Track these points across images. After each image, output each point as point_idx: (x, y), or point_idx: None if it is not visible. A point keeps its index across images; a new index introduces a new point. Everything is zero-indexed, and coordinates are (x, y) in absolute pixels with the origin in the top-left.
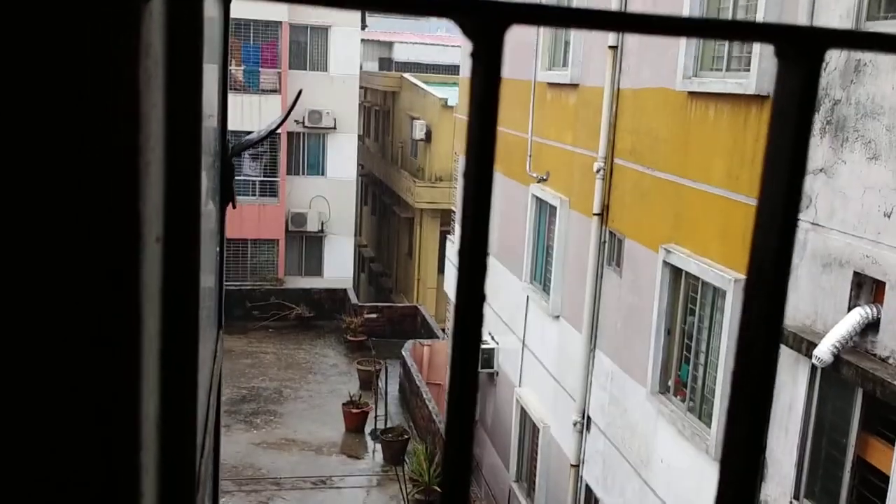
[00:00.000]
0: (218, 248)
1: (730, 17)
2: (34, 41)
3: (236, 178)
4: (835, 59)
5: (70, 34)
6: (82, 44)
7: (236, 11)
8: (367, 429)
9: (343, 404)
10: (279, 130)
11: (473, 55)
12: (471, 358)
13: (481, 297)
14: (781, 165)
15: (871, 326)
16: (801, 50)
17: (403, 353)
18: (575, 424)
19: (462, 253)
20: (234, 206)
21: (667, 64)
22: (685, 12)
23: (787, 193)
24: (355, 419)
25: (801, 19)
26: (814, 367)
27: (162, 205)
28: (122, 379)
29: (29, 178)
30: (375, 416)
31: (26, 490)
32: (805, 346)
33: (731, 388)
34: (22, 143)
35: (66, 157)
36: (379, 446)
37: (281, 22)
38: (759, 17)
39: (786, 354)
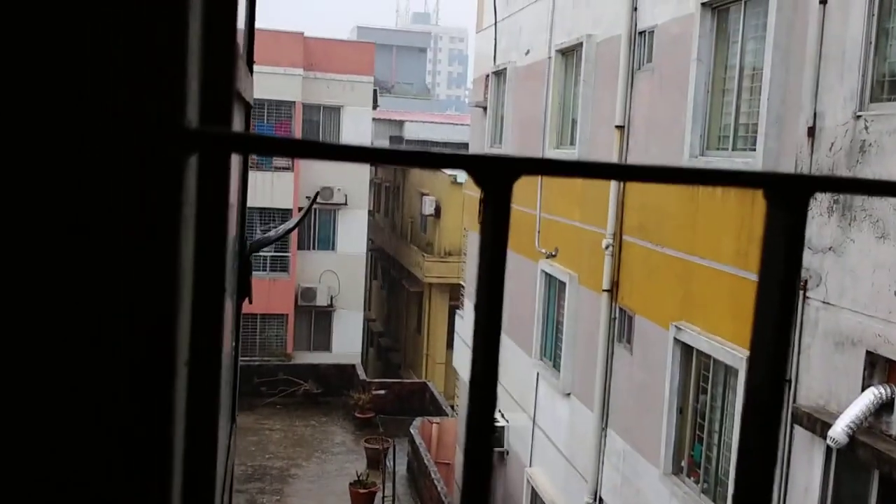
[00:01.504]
0: (234, 344)
1: (734, 101)
2: (94, 194)
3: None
4: (840, 138)
5: (116, 190)
6: (129, 197)
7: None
8: None
9: (350, 484)
10: (290, 206)
11: (483, 201)
12: (485, 448)
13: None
14: (770, 306)
15: (886, 407)
16: (788, 195)
17: (412, 430)
18: None
19: (471, 405)
20: (250, 302)
21: (674, 143)
22: (689, 97)
23: (778, 331)
24: (362, 500)
25: (806, 101)
26: (829, 449)
27: (189, 330)
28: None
29: (75, 314)
30: (383, 497)
31: None
32: (819, 426)
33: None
34: (75, 275)
35: (118, 298)
36: None
37: (294, 102)
38: (763, 99)
39: (800, 435)
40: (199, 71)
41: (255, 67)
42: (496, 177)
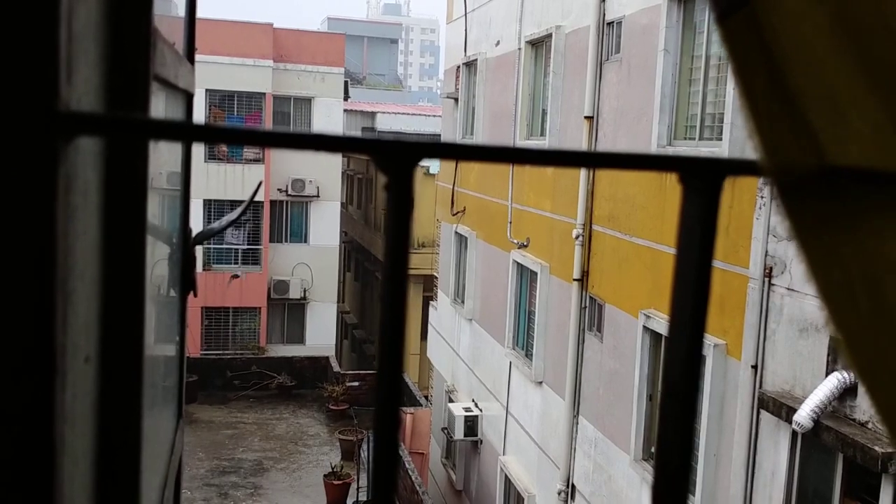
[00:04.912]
0: (178, 338)
1: (701, 91)
2: None
3: (219, 246)
4: None
5: None
6: None
7: (220, 83)
8: (350, 501)
9: (324, 476)
10: (262, 198)
11: (386, 188)
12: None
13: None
14: (686, 286)
15: (850, 391)
16: (702, 178)
17: None
18: (559, 493)
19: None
20: (195, 295)
21: (642, 133)
22: (657, 87)
23: (694, 310)
24: (337, 491)
25: None
26: (794, 433)
27: (96, 325)
28: None
29: None
30: (358, 488)
31: None
32: (785, 411)
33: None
34: None
35: None
36: None
37: (265, 93)
38: (729, 89)
39: (766, 420)
40: (101, 56)
41: (224, 59)
42: (397, 161)
